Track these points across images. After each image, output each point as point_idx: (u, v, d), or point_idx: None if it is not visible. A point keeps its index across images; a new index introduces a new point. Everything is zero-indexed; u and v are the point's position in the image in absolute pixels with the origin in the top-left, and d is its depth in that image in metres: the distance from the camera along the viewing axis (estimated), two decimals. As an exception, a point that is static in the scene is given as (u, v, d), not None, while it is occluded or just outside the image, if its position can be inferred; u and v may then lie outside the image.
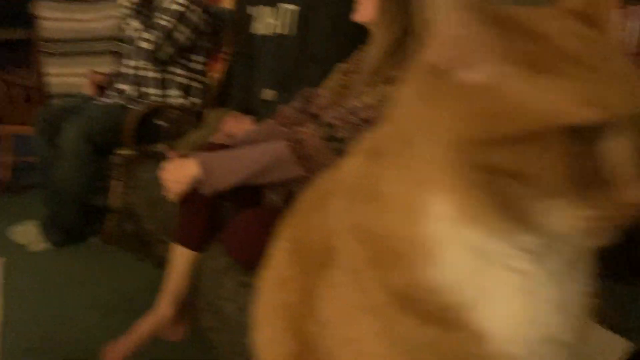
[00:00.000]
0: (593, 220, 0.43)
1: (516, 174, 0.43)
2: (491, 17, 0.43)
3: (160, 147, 2.63)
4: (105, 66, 3.14)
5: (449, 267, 0.49)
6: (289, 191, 1.57)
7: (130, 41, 2.60)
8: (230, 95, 2.41)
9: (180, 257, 1.66)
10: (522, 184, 0.43)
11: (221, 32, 2.78)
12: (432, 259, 0.50)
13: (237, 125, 2.17)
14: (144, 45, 2.52)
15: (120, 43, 3.04)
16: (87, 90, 2.82)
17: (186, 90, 2.71)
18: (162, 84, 2.65)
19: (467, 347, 0.49)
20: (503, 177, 0.43)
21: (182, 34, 2.55)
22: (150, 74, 2.63)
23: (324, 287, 0.59)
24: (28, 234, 2.55)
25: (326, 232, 0.58)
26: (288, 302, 0.64)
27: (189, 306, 1.72)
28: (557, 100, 0.41)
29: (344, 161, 0.60)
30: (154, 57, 2.55)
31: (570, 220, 0.43)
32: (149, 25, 2.54)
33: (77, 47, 3.30)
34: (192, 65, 2.71)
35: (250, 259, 1.29)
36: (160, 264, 1.91)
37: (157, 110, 2.60)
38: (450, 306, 0.49)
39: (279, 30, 2.16)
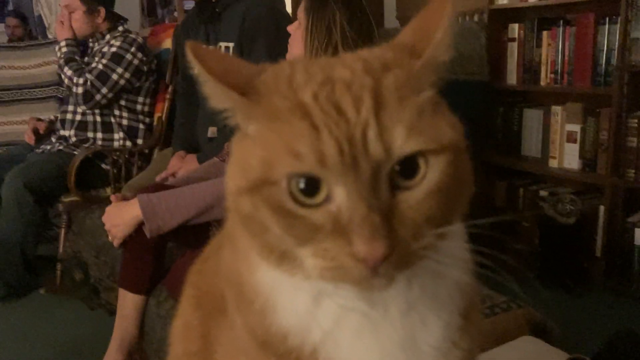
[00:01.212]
0: (331, 270, 0.42)
1: (257, 222, 0.44)
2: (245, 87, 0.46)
3: (105, 191, 2.59)
4: (48, 112, 3.09)
5: (288, 312, 0.50)
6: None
7: (68, 87, 2.57)
8: (175, 135, 2.40)
9: (127, 303, 1.62)
10: (266, 231, 0.44)
11: (162, 72, 2.78)
12: (272, 305, 0.50)
13: (182, 164, 2.16)
14: (78, 90, 2.49)
15: (61, 88, 3.01)
16: (27, 138, 2.76)
17: (131, 132, 2.68)
18: (105, 128, 2.62)
19: None
20: (253, 223, 0.45)
21: (121, 77, 2.54)
22: (91, 118, 2.60)
23: (219, 332, 0.59)
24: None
25: (220, 279, 0.59)
26: (191, 350, 0.63)
27: (138, 352, 1.68)
28: (268, 152, 0.43)
29: None
30: (92, 102, 2.52)
31: (314, 268, 0.43)
32: (81, 69, 2.52)
33: (18, 94, 3.24)
34: (137, 107, 2.69)
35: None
36: (112, 311, 1.86)
37: (101, 153, 2.57)
38: (300, 348, 0.50)
39: (219, 68, 2.17)
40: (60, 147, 2.58)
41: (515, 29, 2.83)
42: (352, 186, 0.42)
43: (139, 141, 2.70)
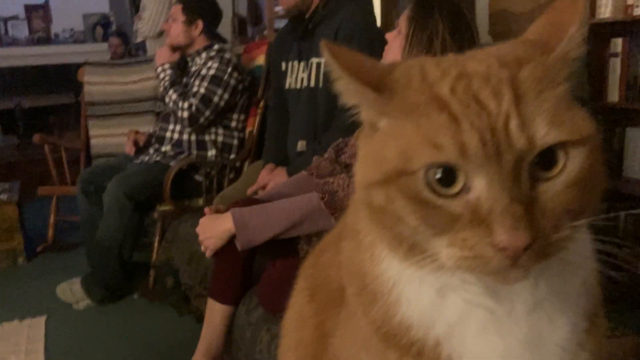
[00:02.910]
0: (468, 260, 0.42)
1: (390, 214, 0.45)
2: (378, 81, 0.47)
3: (198, 201, 2.69)
4: (146, 125, 3.26)
5: (412, 304, 0.50)
6: (323, 241, 1.57)
7: (173, 110, 2.69)
8: (265, 148, 2.45)
9: (216, 312, 1.65)
10: (398, 223, 0.45)
11: (255, 88, 2.86)
12: (397, 296, 0.51)
13: (272, 177, 2.20)
14: (184, 114, 2.61)
15: (160, 103, 3.16)
16: (127, 149, 2.92)
17: (224, 147, 2.78)
18: (200, 146, 2.72)
19: None
20: (385, 215, 0.46)
21: (221, 98, 2.64)
22: (191, 137, 2.71)
23: (335, 324, 0.60)
24: (71, 292, 2.60)
25: (339, 272, 0.60)
26: (305, 340, 0.65)
27: (226, 359, 1.71)
28: (405, 144, 0.44)
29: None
30: (197, 124, 2.63)
31: (449, 258, 0.43)
32: (184, 94, 2.64)
33: (119, 108, 3.44)
34: (231, 123, 2.79)
35: (284, 311, 1.29)
36: (201, 318, 1.91)
37: (195, 165, 2.67)
38: (423, 341, 0.50)
39: (309, 84, 2.20)
40: (158, 159, 2.71)
41: (618, 44, 2.68)
42: (494, 176, 0.42)
43: (232, 155, 2.79)
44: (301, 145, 2.21)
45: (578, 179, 0.44)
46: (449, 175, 0.43)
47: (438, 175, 0.43)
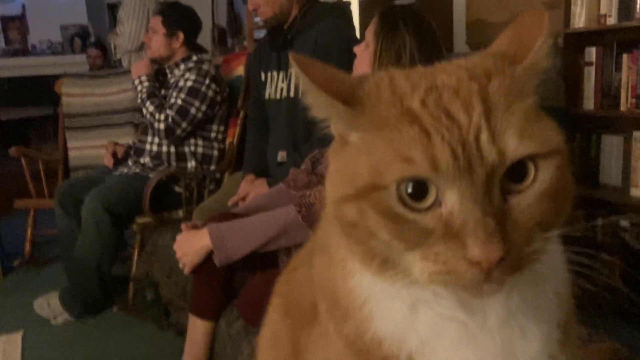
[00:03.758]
0: (441, 274, 0.42)
1: (362, 229, 0.45)
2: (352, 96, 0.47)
3: (178, 213, 2.66)
4: (124, 137, 3.23)
5: (385, 319, 0.50)
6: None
7: (150, 122, 2.67)
8: (245, 159, 2.45)
9: (198, 328, 1.64)
10: (371, 237, 0.45)
11: (234, 99, 2.85)
12: (369, 312, 0.51)
13: (252, 188, 2.19)
14: (160, 126, 2.59)
15: (139, 114, 3.14)
16: (106, 161, 2.89)
17: (204, 159, 2.76)
18: (180, 157, 2.70)
19: None
20: (357, 230, 0.45)
21: (198, 110, 2.63)
22: (170, 149, 2.69)
23: (309, 340, 0.60)
24: (49, 306, 2.55)
25: (312, 288, 0.59)
26: (280, 358, 0.63)
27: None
28: (376, 159, 0.44)
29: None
30: (173, 136, 2.61)
31: (422, 272, 0.43)
32: (161, 106, 2.62)
33: (98, 120, 3.40)
34: (211, 134, 2.77)
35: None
36: (181, 331, 1.89)
37: (174, 177, 2.64)
38: (396, 356, 0.49)
39: (289, 94, 2.20)
40: (137, 171, 2.68)
41: (592, 53, 2.73)
42: (465, 190, 0.42)
43: (212, 167, 2.77)
44: (282, 156, 2.20)
45: (549, 191, 0.44)
46: (420, 189, 0.43)
47: (410, 190, 0.43)
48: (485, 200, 0.42)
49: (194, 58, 2.74)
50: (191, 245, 1.56)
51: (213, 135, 2.78)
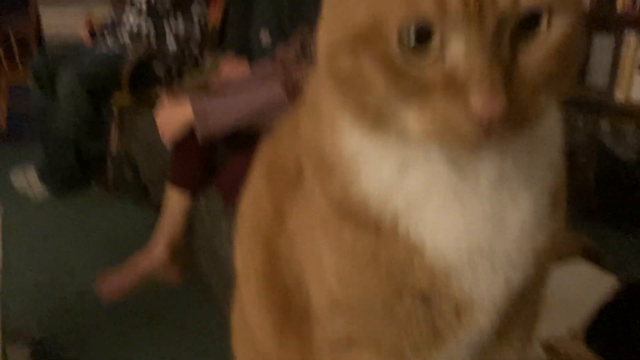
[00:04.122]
0: (438, 129, 0.41)
1: (357, 81, 0.42)
2: None
3: (157, 92, 2.60)
4: (101, 10, 3.07)
5: (372, 178, 0.49)
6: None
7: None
8: (227, 38, 2.36)
9: (175, 200, 1.65)
10: (365, 91, 0.42)
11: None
12: (356, 170, 0.49)
13: (233, 68, 2.13)
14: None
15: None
16: (82, 33, 2.76)
17: (185, 39, 2.65)
18: (161, 36, 2.59)
19: (403, 256, 0.49)
20: (351, 83, 0.43)
21: None
22: (149, 27, 2.58)
23: (292, 203, 0.59)
24: (27, 180, 2.54)
25: (297, 152, 0.58)
26: (262, 220, 0.64)
27: (184, 250, 1.72)
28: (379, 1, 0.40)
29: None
30: (151, 11, 2.48)
31: (419, 128, 0.41)
32: None
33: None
34: (192, 16, 2.65)
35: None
36: (159, 209, 1.91)
37: (154, 55, 2.55)
38: (382, 216, 0.49)
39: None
40: (116, 51, 2.58)
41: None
42: (473, 38, 0.39)
43: (194, 49, 2.68)
44: (264, 35, 2.12)
45: (559, 49, 0.41)
46: (424, 38, 0.40)
47: (412, 36, 0.40)
48: (493, 50, 0.39)
49: None
50: (173, 117, 1.53)
51: (195, 17, 2.65)
